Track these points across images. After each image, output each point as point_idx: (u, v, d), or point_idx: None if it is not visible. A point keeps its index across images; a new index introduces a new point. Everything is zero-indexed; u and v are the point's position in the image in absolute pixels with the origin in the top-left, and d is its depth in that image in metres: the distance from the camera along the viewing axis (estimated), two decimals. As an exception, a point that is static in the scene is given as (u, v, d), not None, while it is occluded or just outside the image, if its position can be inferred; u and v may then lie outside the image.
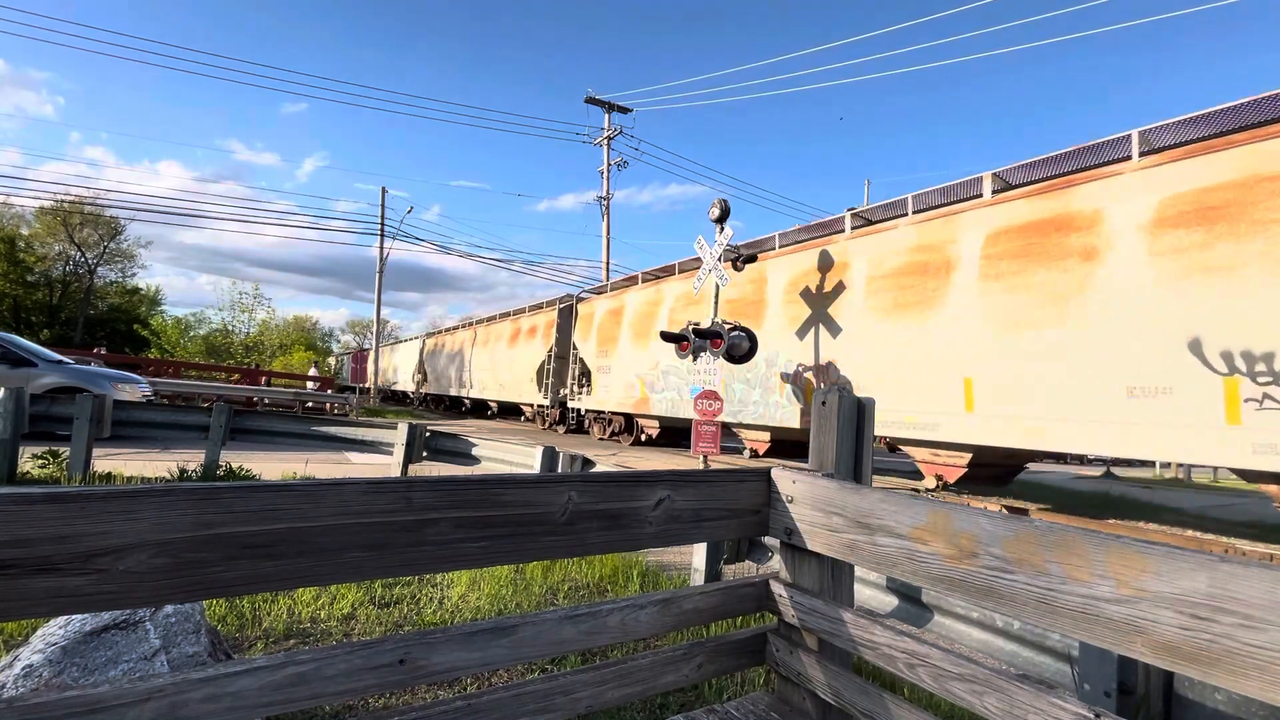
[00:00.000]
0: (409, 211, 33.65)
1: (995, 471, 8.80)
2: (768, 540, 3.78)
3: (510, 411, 24.37)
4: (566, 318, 18.68)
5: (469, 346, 25.69)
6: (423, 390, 30.90)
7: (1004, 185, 7.73)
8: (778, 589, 1.97)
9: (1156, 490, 15.17)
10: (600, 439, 16.55)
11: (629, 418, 15.41)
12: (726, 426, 11.56)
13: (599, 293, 17.72)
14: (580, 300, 18.41)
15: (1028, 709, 1.26)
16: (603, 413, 16.31)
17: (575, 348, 17.84)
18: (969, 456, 7.93)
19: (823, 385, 9.15)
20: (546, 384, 18.60)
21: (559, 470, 5.52)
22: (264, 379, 28.28)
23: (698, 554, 3.98)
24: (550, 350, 18.71)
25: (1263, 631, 0.97)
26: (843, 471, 2.10)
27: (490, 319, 24.40)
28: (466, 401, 26.42)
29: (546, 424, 19.72)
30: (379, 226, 29.22)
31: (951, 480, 8.28)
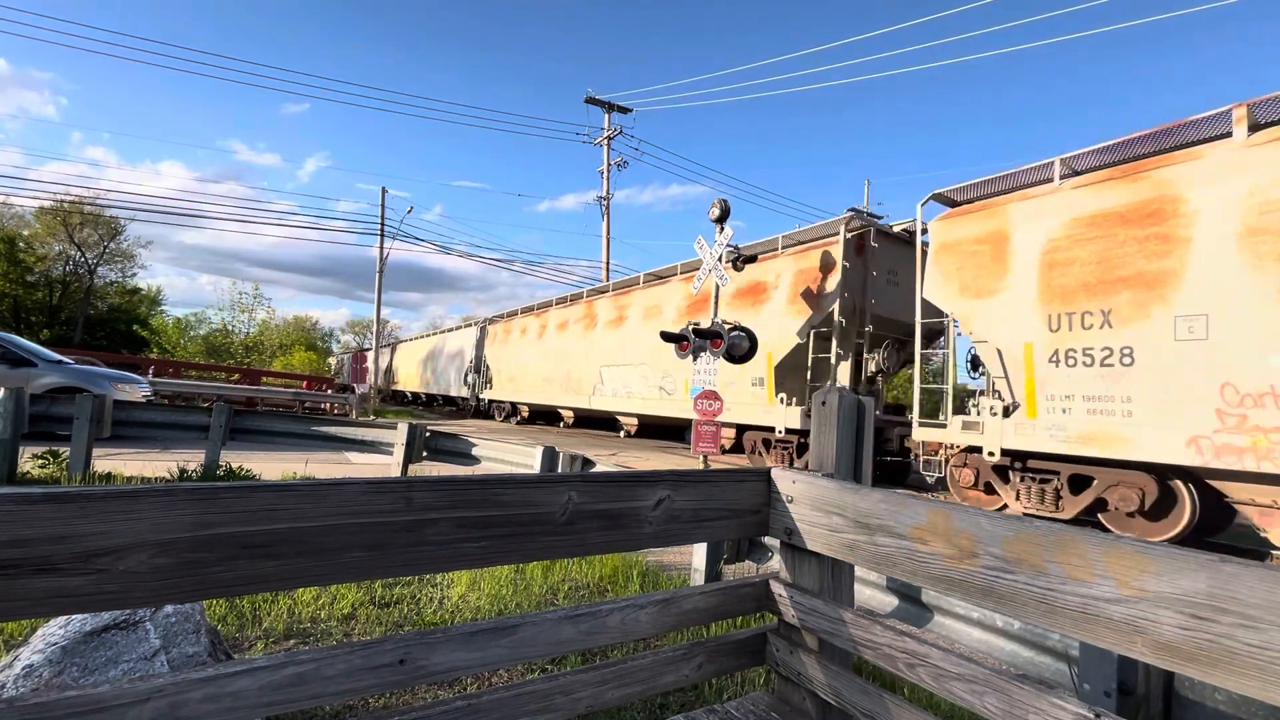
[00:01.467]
0: (409, 211, 33.60)
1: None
2: (768, 540, 3.79)
3: (662, 433, 15.88)
4: (860, 252, 9.89)
5: (576, 330, 17.19)
6: (484, 395, 23.21)
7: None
8: (778, 589, 1.97)
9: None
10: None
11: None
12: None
13: (1035, 183, 7.34)
14: (949, 215, 8.13)
15: (1028, 709, 1.26)
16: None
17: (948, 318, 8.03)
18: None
19: None
20: (807, 389, 9.88)
21: (559, 470, 5.52)
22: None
23: (698, 554, 3.98)
24: (818, 321, 9.83)
25: (1263, 632, 0.97)
26: (843, 471, 2.10)
27: (629, 285, 15.52)
28: (566, 415, 18.26)
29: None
30: (379, 227, 29.20)
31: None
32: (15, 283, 37.74)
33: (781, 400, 10.47)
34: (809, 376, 10.01)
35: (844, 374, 10.13)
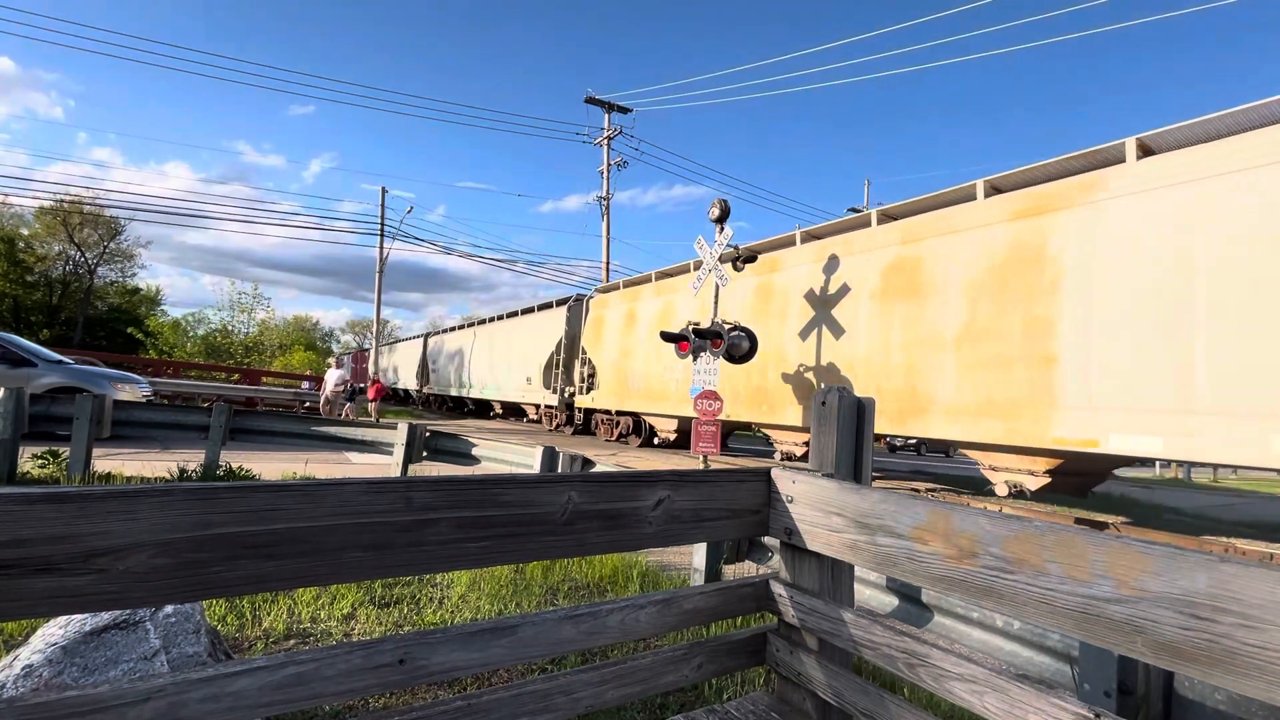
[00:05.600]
0: (409, 211, 33.52)
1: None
2: (768, 540, 3.78)
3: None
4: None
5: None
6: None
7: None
8: (778, 589, 1.97)
9: (1156, 490, 15.17)
10: None
11: None
12: None
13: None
14: None
15: (1028, 709, 1.26)
16: None
17: None
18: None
19: None
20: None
21: (559, 470, 5.52)
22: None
23: (698, 554, 3.98)
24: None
25: (1263, 631, 0.97)
26: (843, 471, 2.09)
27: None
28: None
29: None
30: (379, 227, 29.16)
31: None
32: (15, 283, 37.75)
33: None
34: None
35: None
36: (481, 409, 25.69)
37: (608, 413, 15.88)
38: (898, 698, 1.60)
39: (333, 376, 17.42)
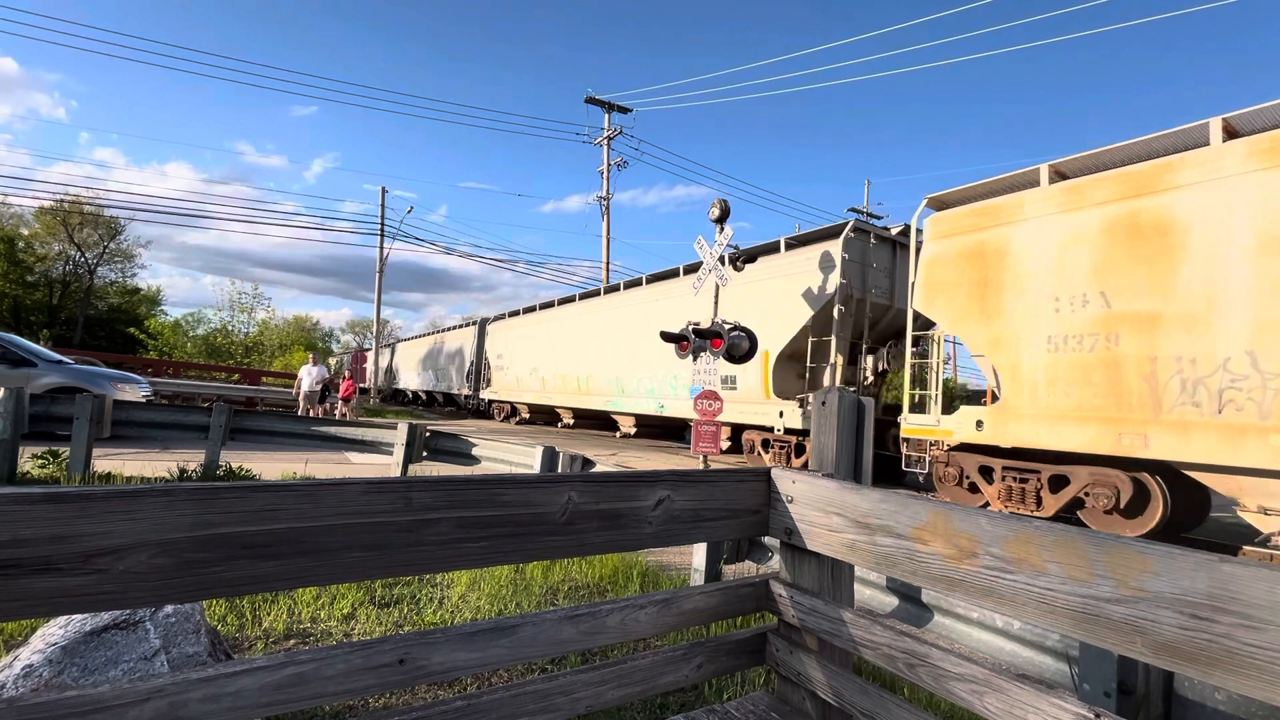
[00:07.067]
0: (409, 212, 33.65)
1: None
2: (768, 540, 3.79)
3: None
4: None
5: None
6: None
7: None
8: (778, 589, 1.97)
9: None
10: None
11: None
12: None
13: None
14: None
15: (1028, 709, 1.26)
16: None
17: None
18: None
19: None
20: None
21: (559, 470, 5.52)
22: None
23: (698, 554, 3.98)
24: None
25: (1263, 631, 0.97)
26: (843, 471, 2.10)
27: None
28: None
29: None
30: (379, 227, 29.18)
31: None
32: (15, 283, 37.79)
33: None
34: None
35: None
36: (602, 421, 17.80)
37: (1040, 460, 7.42)
38: (898, 698, 1.60)
39: (308, 374, 16.64)
